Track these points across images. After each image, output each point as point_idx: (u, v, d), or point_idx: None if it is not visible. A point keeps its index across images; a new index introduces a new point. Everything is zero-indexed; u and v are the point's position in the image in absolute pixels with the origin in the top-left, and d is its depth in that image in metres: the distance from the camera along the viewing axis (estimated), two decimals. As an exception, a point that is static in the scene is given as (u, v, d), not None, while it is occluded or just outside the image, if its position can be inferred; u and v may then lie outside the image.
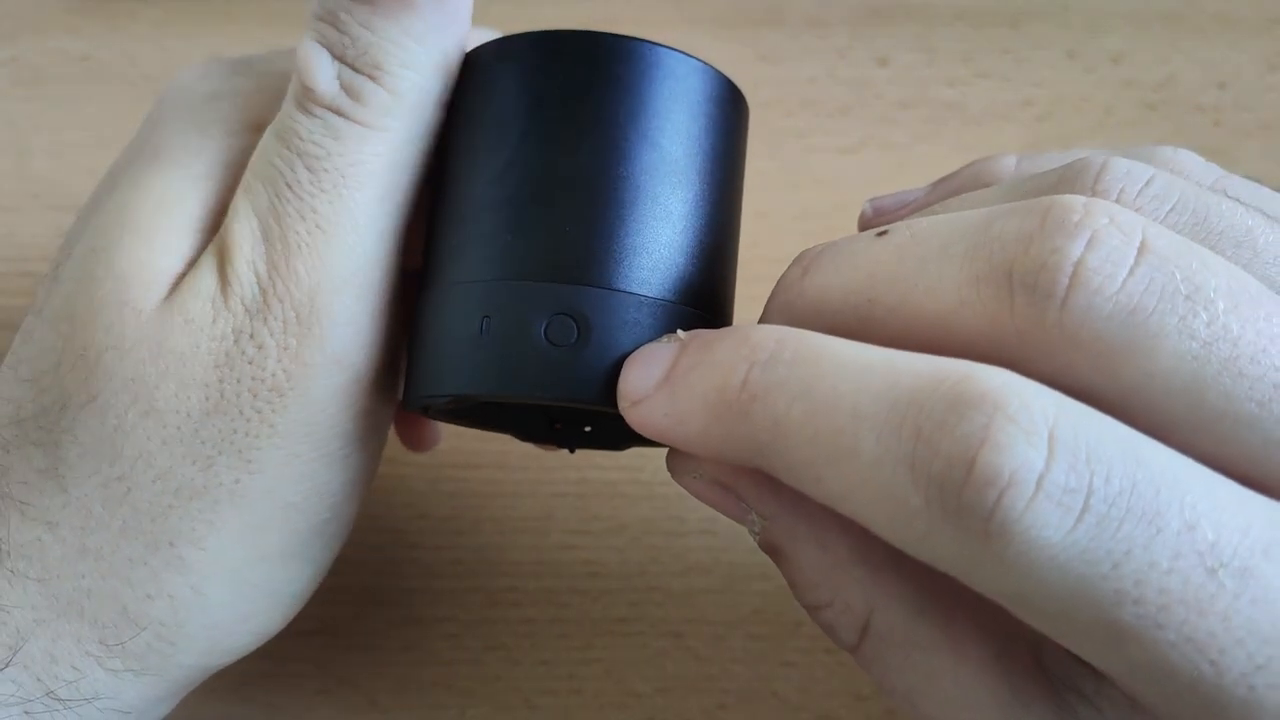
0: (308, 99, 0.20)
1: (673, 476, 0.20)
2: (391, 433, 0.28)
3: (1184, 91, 0.32)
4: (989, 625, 0.19)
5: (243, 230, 0.20)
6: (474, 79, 0.21)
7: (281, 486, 0.20)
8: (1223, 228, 0.17)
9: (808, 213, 0.31)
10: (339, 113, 0.20)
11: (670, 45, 0.19)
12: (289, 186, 0.20)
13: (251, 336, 0.19)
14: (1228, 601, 0.14)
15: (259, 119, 0.22)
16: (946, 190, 0.22)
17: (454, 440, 0.28)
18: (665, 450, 0.21)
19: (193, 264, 0.20)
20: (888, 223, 0.19)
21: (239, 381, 0.19)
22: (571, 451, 0.23)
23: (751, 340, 0.17)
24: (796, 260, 0.19)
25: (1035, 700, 0.18)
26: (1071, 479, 0.14)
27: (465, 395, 0.19)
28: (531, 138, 0.19)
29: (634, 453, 0.24)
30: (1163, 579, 0.14)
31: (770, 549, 0.20)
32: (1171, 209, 0.17)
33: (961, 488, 0.14)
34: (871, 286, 0.17)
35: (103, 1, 0.33)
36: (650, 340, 0.19)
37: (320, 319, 0.20)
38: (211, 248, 0.20)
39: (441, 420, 0.22)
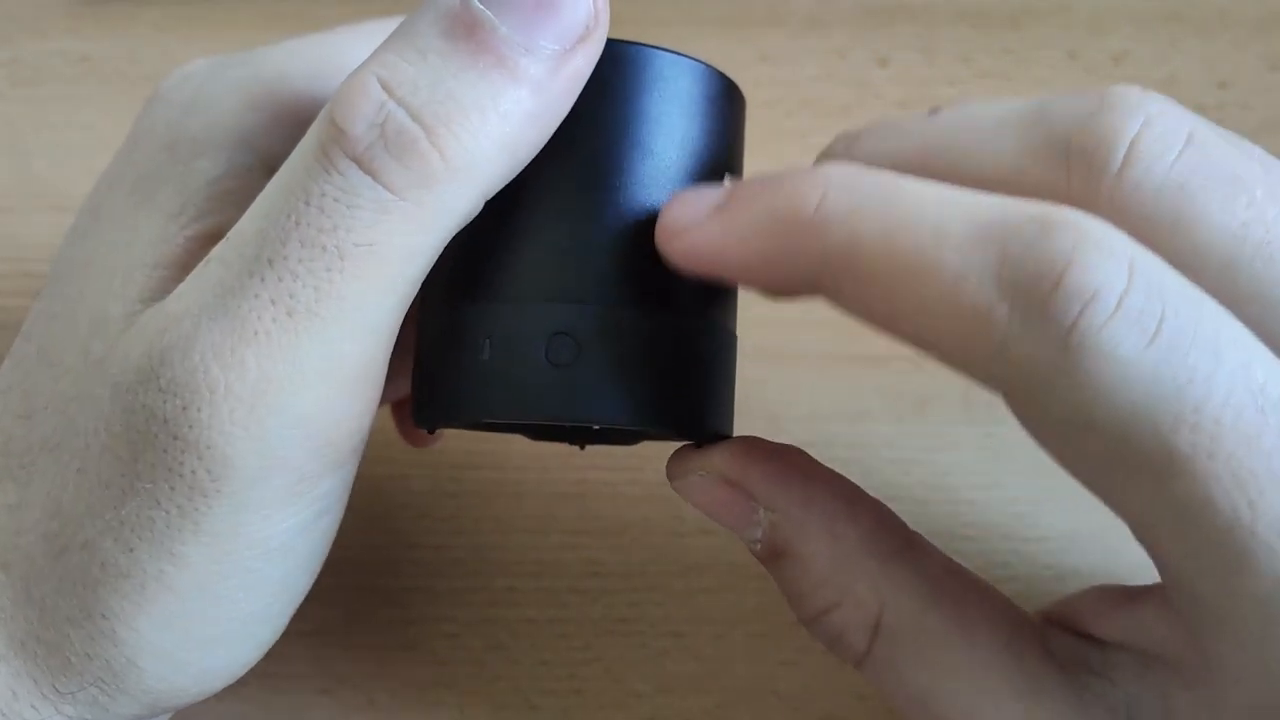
0: (334, 143, 0.16)
1: (673, 481, 0.20)
2: (391, 431, 0.28)
3: (1184, 91, 0.31)
4: (997, 614, 0.19)
5: (189, 300, 0.17)
6: None
7: (213, 583, 0.18)
8: (1254, 155, 0.18)
9: (808, 213, 0.31)
10: (368, 170, 0.16)
11: (657, 45, 0.19)
12: (269, 262, 0.16)
13: (166, 422, 0.17)
14: (1273, 440, 0.15)
15: (246, 134, 0.20)
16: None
17: (454, 440, 0.28)
18: (668, 447, 0.21)
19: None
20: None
21: (153, 469, 0.17)
22: (582, 448, 0.23)
23: (826, 168, 0.17)
24: (838, 137, 0.19)
25: (1048, 683, 0.18)
26: (1148, 303, 0.15)
27: (473, 421, 0.19)
28: None
29: (635, 453, 0.24)
30: (1219, 410, 0.14)
31: (773, 553, 0.20)
32: (1208, 126, 0.18)
33: (1049, 297, 0.14)
34: (924, 155, 0.18)
35: (103, 3, 0.33)
36: (649, 350, 0.18)
37: (263, 420, 0.16)
38: (161, 303, 0.18)
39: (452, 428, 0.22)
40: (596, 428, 0.22)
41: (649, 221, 0.18)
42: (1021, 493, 0.28)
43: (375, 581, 0.27)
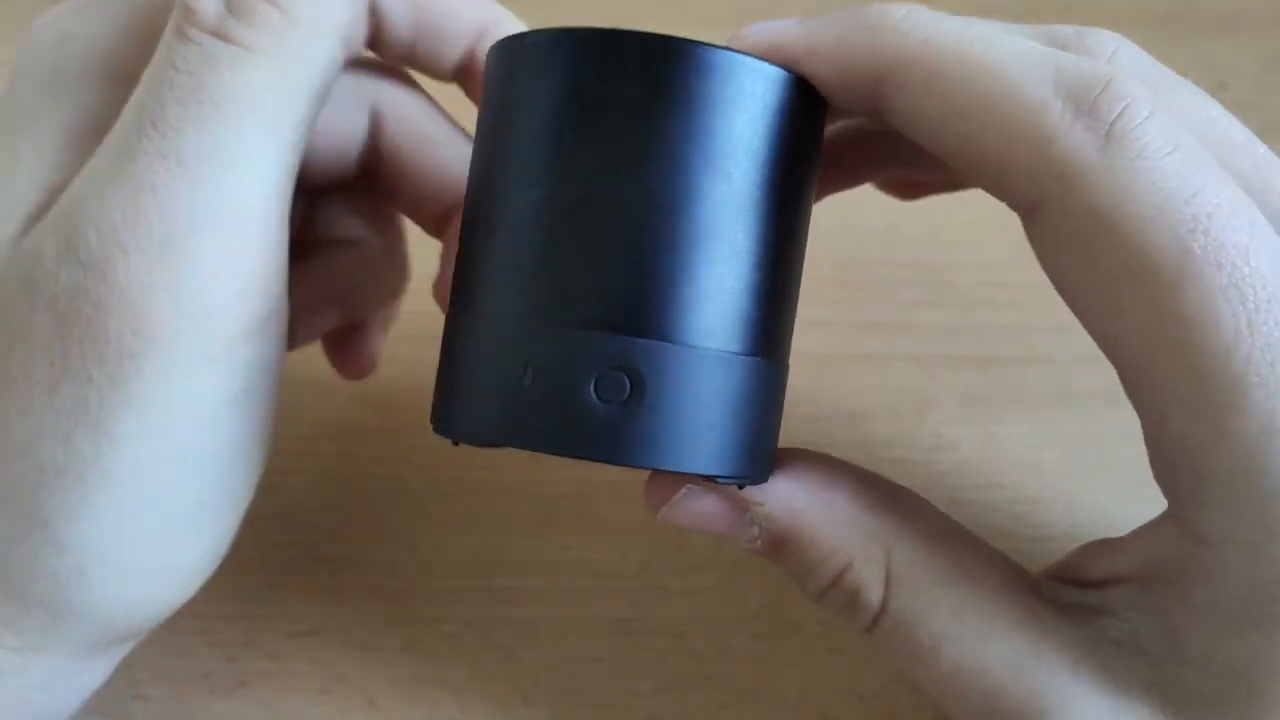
0: (187, 23, 0.18)
1: (657, 511, 0.20)
2: (390, 431, 0.28)
3: (1184, 91, 0.31)
4: (993, 559, 0.20)
5: (88, 179, 0.18)
6: (513, 73, 0.18)
7: (150, 464, 0.18)
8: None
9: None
10: (221, 36, 0.18)
11: (745, 51, 0.18)
12: (153, 124, 0.18)
13: (87, 293, 0.17)
14: (1260, 261, 0.16)
15: (123, 64, 0.20)
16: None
17: (454, 440, 0.28)
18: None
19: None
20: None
21: (81, 344, 0.18)
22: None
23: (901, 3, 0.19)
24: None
25: (1051, 620, 0.19)
26: (1170, 124, 0.17)
27: (505, 445, 0.18)
28: (582, 155, 0.17)
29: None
30: (1225, 221, 0.16)
31: (774, 543, 0.20)
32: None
33: (1098, 98, 0.17)
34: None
35: (103, 2, 0.33)
36: (710, 395, 0.17)
37: (174, 268, 0.18)
38: (65, 195, 0.19)
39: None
40: None
41: (718, 252, 0.17)
42: (1021, 493, 0.28)
43: (375, 581, 0.27)
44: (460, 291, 0.19)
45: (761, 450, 0.19)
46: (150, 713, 0.25)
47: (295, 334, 0.25)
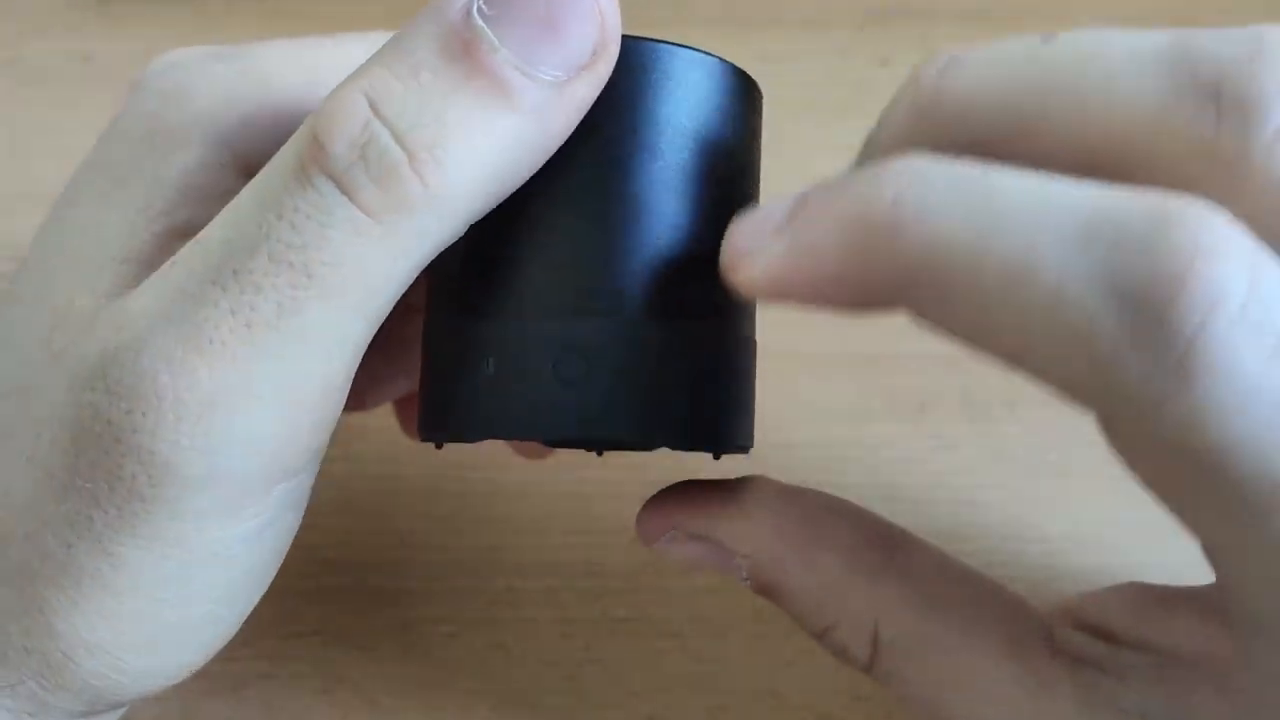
0: (312, 160, 0.16)
1: (646, 544, 0.20)
2: (392, 430, 0.28)
3: (1184, 91, 0.31)
4: (997, 615, 0.18)
5: (147, 301, 0.17)
6: None
7: (150, 586, 0.17)
8: None
9: (808, 213, 0.31)
10: (345, 190, 0.16)
11: (661, 39, 0.18)
12: (234, 272, 0.16)
13: (110, 424, 0.16)
14: None
15: (229, 131, 0.19)
16: None
17: (454, 440, 0.28)
18: (679, 451, 0.21)
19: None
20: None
21: (94, 468, 0.16)
22: (599, 454, 0.23)
23: (896, 165, 0.15)
24: (930, 60, 0.17)
25: (1056, 682, 0.17)
26: (1269, 314, 0.13)
27: (483, 439, 0.18)
28: None
29: (633, 452, 0.24)
30: None
31: (764, 589, 0.19)
32: None
33: (1167, 307, 0.13)
34: (1040, 92, 0.15)
35: (103, 2, 0.33)
36: (662, 361, 0.18)
37: (210, 433, 0.16)
38: (122, 300, 0.17)
39: None
40: None
41: (657, 227, 0.18)
42: (1021, 493, 0.28)
43: (375, 581, 0.27)
44: (431, 300, 0.19)
45: (724, 422, 0.19)
46: (150, 714, 0.25)
47: (365, 401, 0.25)
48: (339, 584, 0.27)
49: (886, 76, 0.32)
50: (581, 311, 0.17)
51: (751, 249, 0.16)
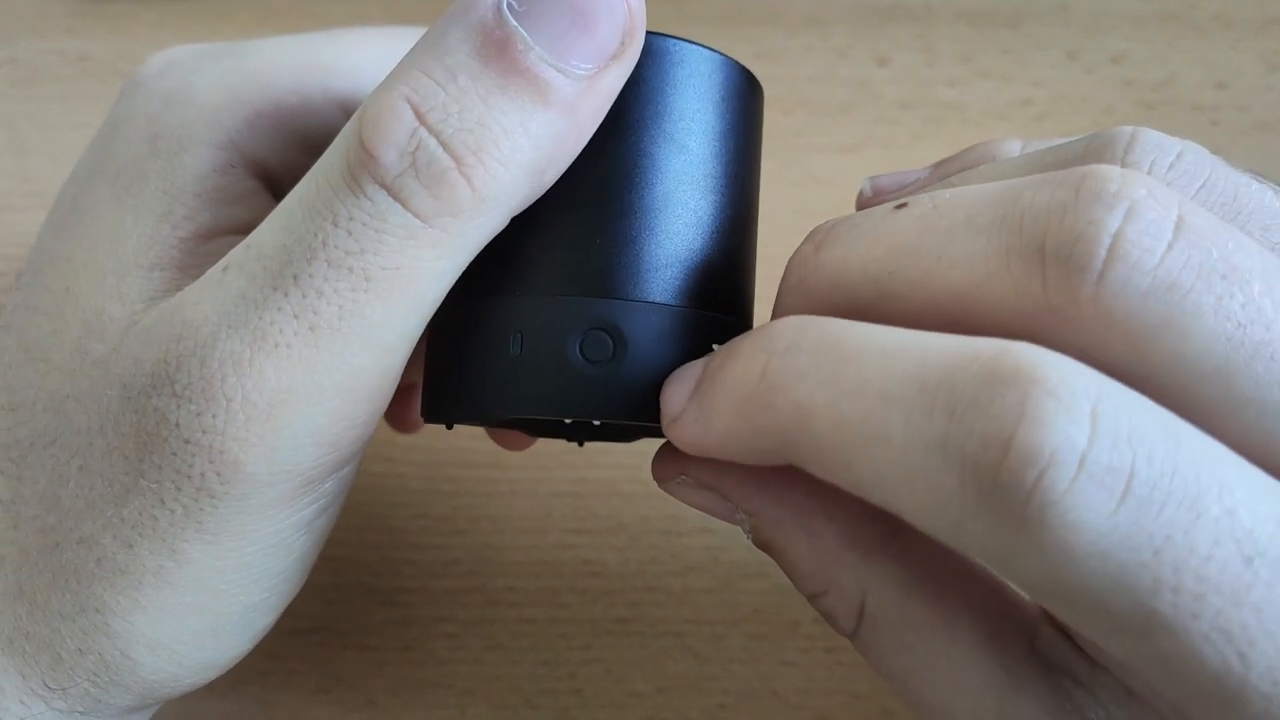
0: (363, 168, 0.16)
1: (659, 484, 0.20)
2: (390, 430, 0.28)
3: (1183, 91, 0.32)
4: (981, 607, 0.18)
5: (207, 308, 0.17)
6: None
7: (212, 578, 0.18)
8: (1252, 208, 0.16)
9: (807, 212, 0.31)
10: (397, 198, 0.16)
11: (685, 38, 0.19)
12: (294, 279, 0.16)
13: (178, 426, 0.17)
14: (1262, 592, 0.13)
15: (235, 131, 0.20)
16: (950, 170, 0.21)
17: (452, 440, 0.28)
18: (667, 442, 0.21)
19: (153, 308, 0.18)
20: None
21: (160, 469, 0.17)
22: (580, 445, 0.23)
23: (770, 331, 0.16)
24: (809, 236, 0.18)
25: (1029, 684, 0.17)
26: (1115, 458, 0.13)
27: (504, 417, 0.18)
28: None
29: (633, 450, 0.24)
30: (1201, 566, 0.13)
31: (763, 545, 0.20)
32: (1202, 186, 0.16)
33: (998, 468, 0.13)
34: (892, 259, 0.17)
35: (102, 2, 0.33)
36: (685, 351, 0.18)
37: (277, 430, 0.17)
38: (171, 306, 0.18)
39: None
40: (598, 423, 0.22)
41: (681, 217, 0.18)
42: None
43: (375, 581, 0.27)
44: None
45: None
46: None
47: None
48: (338, 583, 0.27)
49: (885, 76, 0.32)
50: (610, 293, 0.18)
51: (676, 413, 0.17)
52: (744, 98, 0.20)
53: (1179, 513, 0.13)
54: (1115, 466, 0.13)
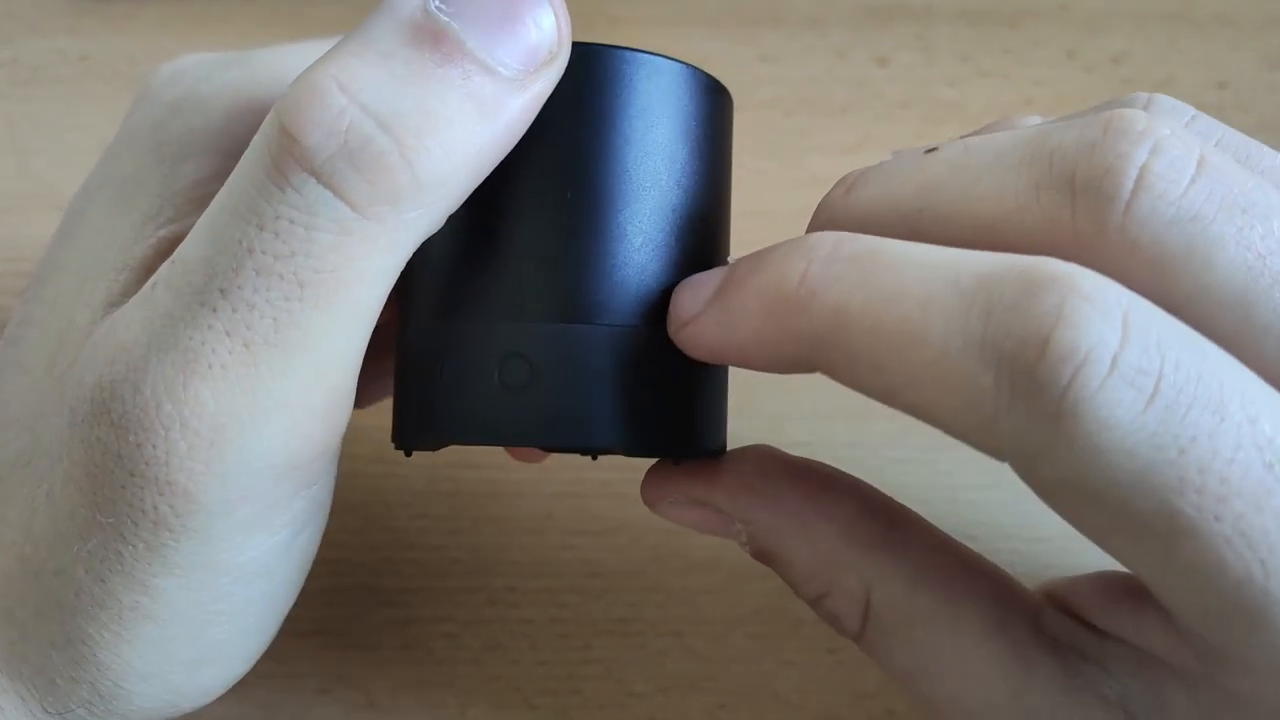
0: (286, 154, 0.15)
1: (650, 508, 0.20)
2: (389, 428, 0.27)
3: (1184, 91, 0.31)
4: (986, 594, 0.19)
5: (137, 329, 0.16)
6: None
7: (191, 610, 0.17)
8: (1264, 167, 0.17)
9: (807, 212, 0.31)
10: (327, 185, 0.15)
11: (619, 45, 0.18)
12: (221, 292, 0.15)
13: (121, 458, 0.16)
14: None
15: (239, 139, 0.19)
16: None
17: (453, 440, 0.28)
18: (655, 466, 0.21)
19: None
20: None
21: (114, 504, 0.16)
22: (594, 459, 0.23)
23: (809, 240, 0.17)
24: (839, 182, 0.19)
25: (1039, 664, 0.18)
26: (1144, 360, 0.14)
27: (437, 445, 0.18)
28: None
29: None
30: (1225, 468, 0.14)
31: (761, 555, 0.20)
32: (1217, 142, 0.17)
33: (1036, 364, 0.14)
34: (922, 196, 0.17)
35: (102, 2, 0.33)
36: (611, 369, 0.18)
37: (224, 456, 0.15)
38: (110, 323, 0.17)
39: None
40: None
41: (606, 232, 0.18)
42: (1021, 493, 0.28)
43: (375, 581, 0.27)
44: (401, 312, 0.19)
45: (680, 424, 0.19)
46: (150, 713, 0.25)
47: (361, 399, 0.24)
48: (339, 584, 0.27)
49: (886, 76, 0.32)
50: (526, 316, 0.17)
51: (692, 314, 0.17)
52: (691, 100, 0.19)
53: (1204, 415, 0.14)
54: (1145, 368, 0.14)
